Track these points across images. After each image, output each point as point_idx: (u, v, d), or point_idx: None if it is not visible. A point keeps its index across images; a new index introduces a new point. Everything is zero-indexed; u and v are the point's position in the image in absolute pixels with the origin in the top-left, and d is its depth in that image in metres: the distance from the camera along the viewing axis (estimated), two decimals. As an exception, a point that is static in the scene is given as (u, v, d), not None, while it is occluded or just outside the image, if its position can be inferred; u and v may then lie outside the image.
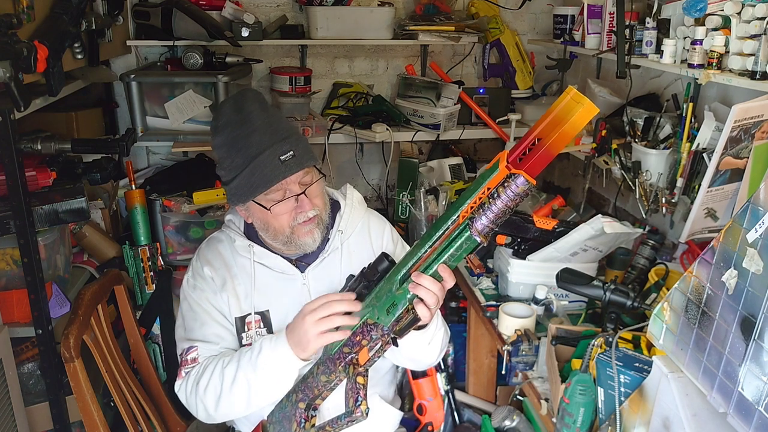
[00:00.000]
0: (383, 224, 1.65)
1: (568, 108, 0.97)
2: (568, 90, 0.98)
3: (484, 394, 2.18)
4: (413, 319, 1.19)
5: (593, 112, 0.96)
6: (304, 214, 1.43)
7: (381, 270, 1.26)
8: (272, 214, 1.42)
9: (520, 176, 1.00)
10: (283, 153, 1.38)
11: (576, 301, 1.90)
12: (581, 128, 0.99)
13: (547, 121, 1.00)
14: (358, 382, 1.24)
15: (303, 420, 1.33)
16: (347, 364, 1.26)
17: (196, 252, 1.60)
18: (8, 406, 1.70)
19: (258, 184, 1.38)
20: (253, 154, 1.38)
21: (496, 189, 1.03)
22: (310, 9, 2.66)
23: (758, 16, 1.54)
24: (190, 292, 1.53)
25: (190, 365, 1.45)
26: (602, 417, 1.35)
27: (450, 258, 1.13)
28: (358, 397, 1.22)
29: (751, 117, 1.52)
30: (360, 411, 1.21)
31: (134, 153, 2.76)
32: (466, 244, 1.10)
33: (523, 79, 2.97)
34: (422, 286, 1.15)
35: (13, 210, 1.60)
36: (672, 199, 1.91)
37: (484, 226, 1.06)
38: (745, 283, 0.97)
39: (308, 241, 1.46)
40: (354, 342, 1.25)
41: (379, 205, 3.09)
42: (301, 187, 1.42)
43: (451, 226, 1.11)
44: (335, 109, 2.84)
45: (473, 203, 1.07)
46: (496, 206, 1.03)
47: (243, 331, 1.51)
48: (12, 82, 1.45)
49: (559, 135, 0.98)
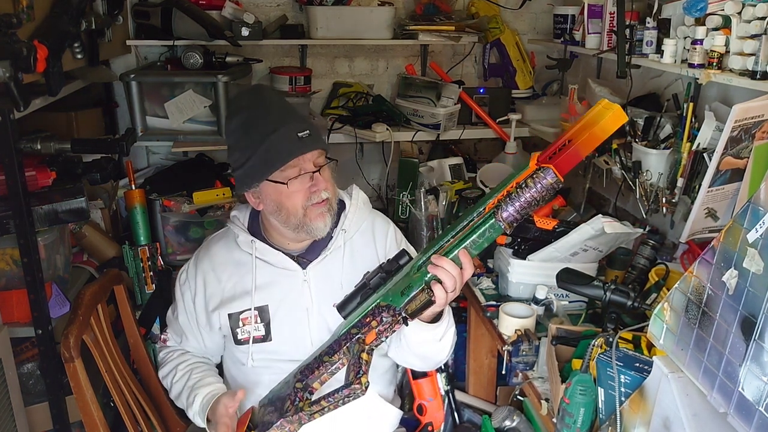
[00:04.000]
0: (387, 225, 1.66)
1: (599, 114, 1.05)
2: (600, 101, 1.06)
3: (484, 394, 2.18)
4: (428, 300, 1.20)
5: (623, 118, 1.04)
6: (318, 194, 1.45)
7: (401, 264, 1.27)
8: (287, 192, 1.43)
9: (550, 170, 1.06)
10: (300, 130, 1.42)
11: (576, 301, 1.90)
12: (611, 132, 1.06)
13: (579, 125, 1.07)
14: (361, 357, 1.23)
15: (297, 399, 1.31)
16: (352, 344, 1.26)
17: (197, 251, 1.64)
18: (8, 406, 1.70)
19: (275, 159, 1.41)
20: (270, 130, 1.41)
21: (525, 180, 1.09)
22: (310, 9, 2.66)
23: (758, 15, 1.54)
24: (180, 284, 1.64)
25: (161, 344, 1.70)
26: (602, 417, 1.35)
27: (472, 244, 1.16)
28: (359, 371, 1.22)
29: (751, 117, 1.52)
30: (359, 383, 1.20)
31: (134, 153, 2.76)
32: (489, 231, 1.13)
33: (523, 79, 2.97)
34: (442, 267, 1.17)
35: (13, 210, 1.60)
36: (672, 199, 1.91)
37: (510, 215, 1.10)
38: (745, 283, 0.97)
39: (320, 225, 1.47)
40: (363, 323, 1.25)
41: (379, 205, 3.09)
42: (315, 167, 1.45)
43: (476, 217, 1.15)
44: (335, 109, 2.84)
45: (500, 196, 1.12)
46: (524, 197, 1.08)
47: (238, 327, 1.54)
48: (12, 82, 1.45)
49: (588, 136, 1.05)
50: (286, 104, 1.52)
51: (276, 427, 1.30)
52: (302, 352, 1.46)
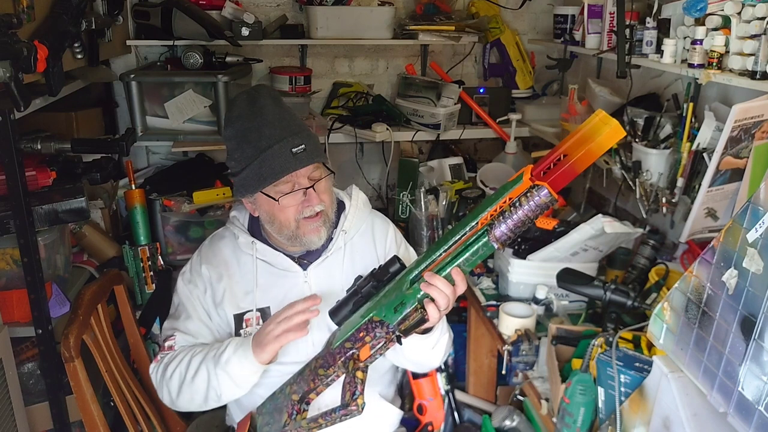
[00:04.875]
0: (387, 226, 1.66)
1: (596, 128, 1.00)
2: (597, 112, 1.02)
3: (485, 394, 2.18)
4: (421, 319, 1.20)
5: (620, 134, 0.99)
6: (311, 208, 1.44)
7: (392, 272, 1.26)
8: (279, 206, 1.43)
9: (544, 188, 1.03)
10: (294, 146, 1.40)
11: (576, 301, 1.90)
12: (607, 148, 1.03)
13: (574, 139, 1.03)
14: (356, 376, 1.24)
15: (295, 412, 1.32)
16: (347, 359, 1.27)
17: (198, 249, 1.62)
18: (8, 406, 1.70)
19: (268, 174, 1.40)
20: (264, 146, 1.40)
21: (519, 198, 1.06)
22: (310, 9, 2.66)
23: (758, 16, 1.53)
24: (184, 285, 1.56)
25: (165, 351, 1.49)
26: (602, 417, 1.35)
27: (465, 262, 1.14)
28: (355, 391, 1.22)
29: (751, 117, 1.52)
30: (356, 405, 1.21)
31: (134, 153, 2.76)
32: (482, 249, 1.11)
33: (523, 79, 2.97)
34: (435, 287, 1.16)
35: (13, 210, 1.60)
36: (672, 198, 1.91)
37: (503, 234, 1.07)
38: (745, 282, 0.97)
39: (314, 239, 1.47)
40: (357, 338, 1.25)
41: (379, 205, 3.09)
42: (309, 182, 1.44)
43: (469, 231, 1.13)
44: (335, 108, 2.84)
45: (493, 211, 1.10)
46: (517, 215, 1.06)
47: (241, 328, 1.52)
48: (12, 82, 1.45)
49: (584, 153, 1.01)
50: (283, 114, 1.45)
51: None
52: (303, 353, 1.45)
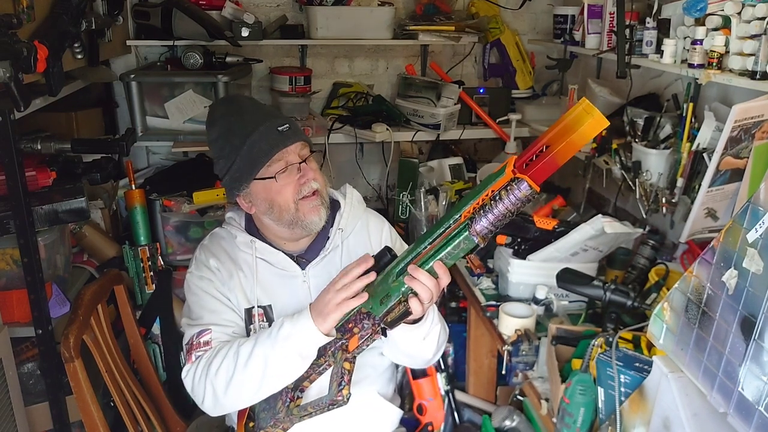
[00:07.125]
0: (382, 223, 1.67)
1: (578, 118, 0.98)
2: (581, 101, 0.99)
3: (484, 394, 2.18)
4: (405, 312, 1.21)
5: (603, 125, 0.97)
6: (308, 186, 1.44)
7: (383, 263, 1.28)
8: (277, 188, 1.43)
9: (524, 181, 1.01)
10: (279, 125, 1.43)
11: (576, 301, 1.90)
12: (589, 139, 1.01)
13: (557, 129, 1.01)
14: (344, 367, 1.26)
15: (289, 400, 1.34)
16: (336, 349, 1.28)
17: (199, 247, 1.60)
18: (8, 406, 1.70)
19: (259, 156, 1.41)
20: (250, 130, 1.42)
21: (499, 192, 1.05)
22: (310, 9, 2.66)
23: (758, 16, 1.54)
24: (197, 282, 1.51)
25: (202, 348, 1.39)
26: (602, 417, 1.35)
27: (447, 256, 1.15)
28: (341, 381, 1.24)
29: (751, 117, 1.52)
30: (342, 395, 1.23)
31: (134, 153, 2.75)
32: (464, 243, 1.11)
33: (523, 79, 2.97)
34: (418, 281, 1.18)
35: (13, 210, 1.60)
36: (672, 199, 1.91)
37: (483, 228, 1.07)
38: (745, 283, 0.97)
39: (314, 219, 1.47)
40: (346, 329, 1.27)
41: (379, 205, 3.09)
42: (300, 158, 1.46)
43: (453, 224, 1.13)
44: (335, 109, 2.84)
45: (476, 204, 1.09)
46: (497, 209, 1.05)
47: (251, 323, 1.52)
48: (12, 82, 1.45)
49: (566, 144, 0.99)
50: (261, 105, 1.53)
51: (270, 426, 1.35)
52: None
